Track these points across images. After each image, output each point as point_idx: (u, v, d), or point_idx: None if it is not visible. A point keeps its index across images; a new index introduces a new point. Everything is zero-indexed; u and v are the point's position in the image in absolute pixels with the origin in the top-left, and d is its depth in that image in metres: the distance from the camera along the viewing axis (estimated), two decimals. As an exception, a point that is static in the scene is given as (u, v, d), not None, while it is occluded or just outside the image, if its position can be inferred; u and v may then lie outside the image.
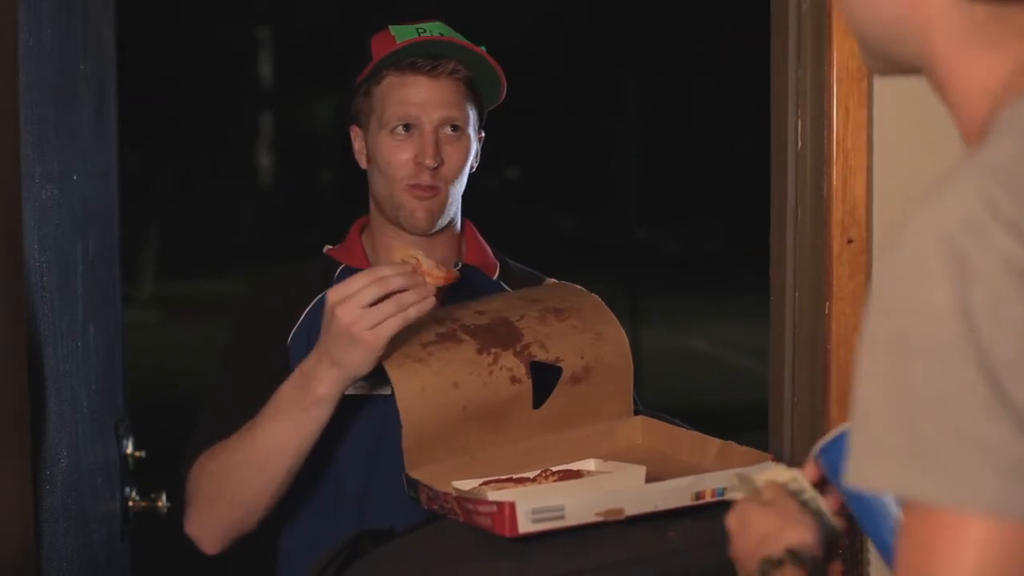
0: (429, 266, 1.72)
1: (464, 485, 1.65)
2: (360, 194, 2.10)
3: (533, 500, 1.52)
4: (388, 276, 1.69)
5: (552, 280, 2.03)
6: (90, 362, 2.05)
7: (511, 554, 1.53)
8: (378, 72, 1.95)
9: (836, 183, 1.90)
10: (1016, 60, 0.94)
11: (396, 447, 1.73)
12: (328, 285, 1.85)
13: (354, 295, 1.68)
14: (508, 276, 2.07)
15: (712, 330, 12.87)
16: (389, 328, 1.68)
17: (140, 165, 18.19)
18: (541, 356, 1.81)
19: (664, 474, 1.65)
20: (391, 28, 1.96)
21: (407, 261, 1.73)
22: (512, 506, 1.49)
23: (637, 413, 1.89)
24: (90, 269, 2.07)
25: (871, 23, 1.01)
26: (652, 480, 1.62)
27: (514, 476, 1.68)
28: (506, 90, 2.01)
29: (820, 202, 1.94)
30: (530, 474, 1.69)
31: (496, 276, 2.05)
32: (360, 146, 2.01)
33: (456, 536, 1.58)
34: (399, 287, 1.68)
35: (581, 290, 1.95)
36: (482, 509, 1.53)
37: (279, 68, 21.22)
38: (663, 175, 17.84)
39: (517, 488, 1.61)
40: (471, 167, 2.00)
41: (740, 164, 11.98)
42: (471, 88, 1.97)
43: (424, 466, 1.71)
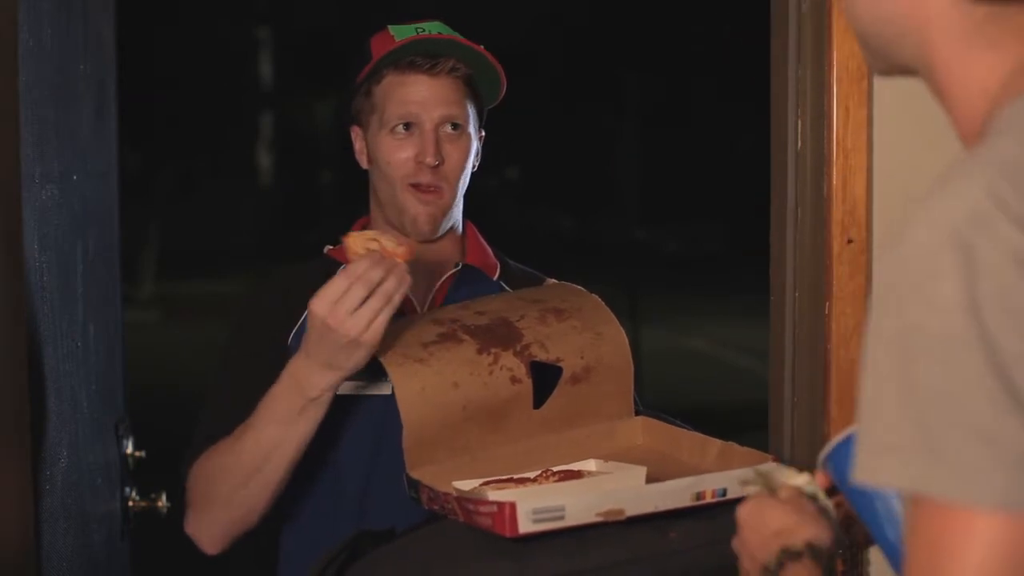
0: (392, 246, 1.72)
1: (464, 485, 1.65)
2: (360, 194, 2.10)
3: (534, 500, 1.51)
4: (366, 272, 1.68)
5: (552, 280, 2.03)
6: (90, 362, 2.05)
7: (511, 554, 1.53)
8: (378, 71, 1.95)
9: (836, 183, 1.90)
10: (1015, 60, 0.94)
11: (396, 447, 1.73)
12: None
13: (340, 300, 1.67)
14: (508, 277, 2.07)
15: (712, 330, 12.87)
16: (381, 323, 1.69)
17: (140, 165, 18.18)
18: (541, 356, 1.81)
19: (665, 475, 1.65)
20: (390, 28, 1.96)
21: (371, 249, 1.72)
22: (513, 506, 1.49)
23: (638, 413, 1.89)
24: (90, 269, 2.07)
25: (872, 22, 1.01)
26: (652, 481, 1.62)
27: (514, 476, 1.68)
28: (506, 89, 2.02)
29: (820, 202, 1.94)
30: (530, 474, 1.69)
31: (496, 277, 2.05)
32: (361, 146, 2.01)
33: (456, 536, 1.58)
34: (379, 279, 1.68)
35: (581, 290, 1.95)
36: (483, 509, 1.53)
37: (279, 68, 21.21)
38: (663, 175, 17.82)
39: (518, 488, 1.61)
40: (473, 166, 2.00)
41: (740, 164, 11.98)
42: (471, 86, 1.97)
43: (424, 466, 1.71)
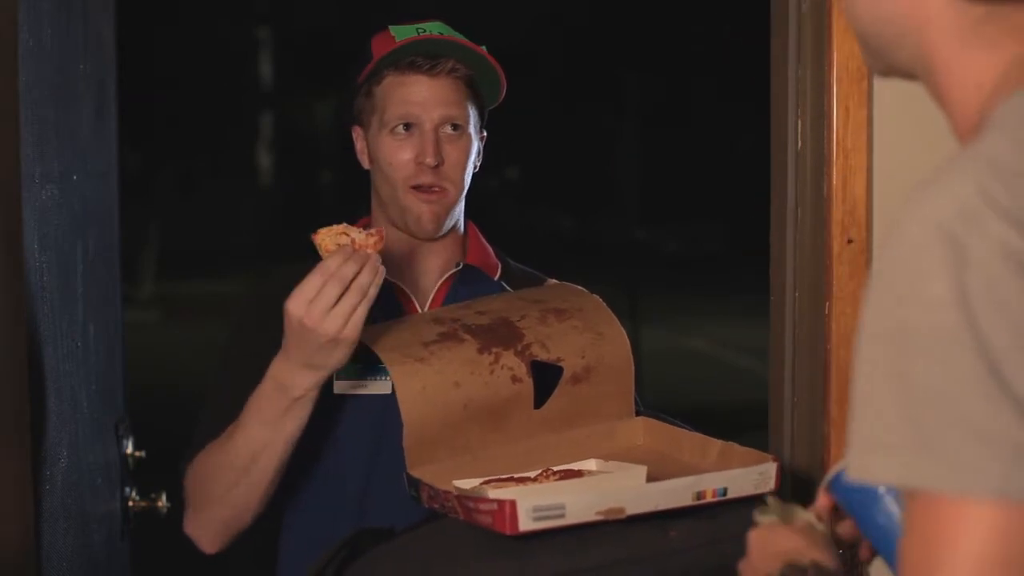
0: (362, 238, 1.70)
1: (465, 484, 1.65)
2: (360, 194, 2.10)
3: (534, 498, 1.52)
4: (339, 268, 1.67)
5: (553, 281, 2.03)
6: (90, 362, 2.05)
7: (512, 552, 1.53)
8: (378, 72, 1.95)
9: (836, 183, 1.90)
10: (1010, 58, 0.95)
11: (397, 447, 1.73)
12: None
13: (315, 299, 1.66)
14: (509, 277, 2.06)
15: (712, 330, 12.86)
16: (360, 318, 1.68)
17: (140, 165, 18.18)
18: (542, 356, 1.81)
19: (665, 475, 1.64)
20: (391, 28, 1.95)
21: (342, 243, 1.70)
22: (513, 504, 1.49)
23: (638, 414, 1.89)
24: (90, 269, 2.07)
25: (871, 22, 1.01)
26: (653, 481, 1.62)
27: (515, 475, 1.68)
28: (506, 90, 2.01)
29: (820, 202, 1.94)
30: (531, 474, 1.69)
31: (497, 277, 2.05)
32: (362, 146, 2.01)
33: (456, 535, 1.58)
34: (353, 274, 1.67)
35: (582, 291, 1.95)
36: (483, 507, 1.53)
37: (279, 68, 21.21)
38: (663, 175, 17.82)
39: (518, 487, 1.62)
40: (474, 166, 2.00)
41: (740, 164, 11.97)
42: (471, 87, 1.97)
43: (425, 465, 1.71)
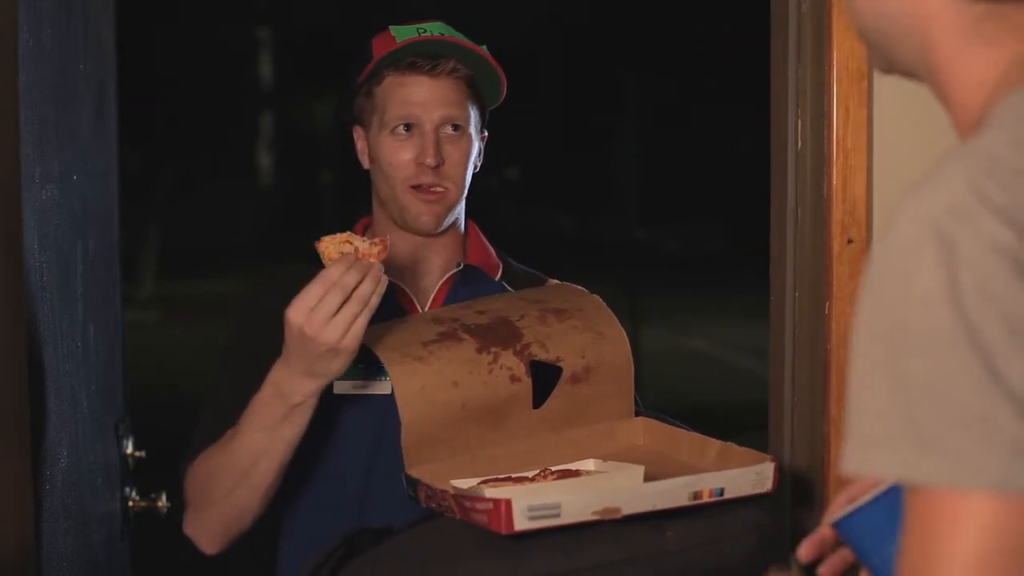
0: (365, 247, 1.69)
1: (463, 484, 1.65)
2: (360, 194, 2.10)
3: (529, 497, 1.51)
4: (341, 277, 1.66)
5: (555, 281, 2.03)
6: (90, 362, 2.05)
7: (507, 552, 1.53)
8: (379, 72, 1.95)
9: (836, 183, 1.90)
10: (1010, 57, 0.95)
11: (396, 447, 1.73)
12: None
13: (316, 308, 1.65)
14: (510, 277, 2.06)
15: (712, 330, 12.86)
16: (360, 327, 1.67)
17: (140, 165, 18.18)
18: (541, 356, 1.81)
19: (664, 475, 1.64)
20: (391, 28, 1.95)
21: (345, 252, 1.69)
22: (508, 503, 1.49)
23: (639, 414, 1.89)
24: (90, 269, 2.07)
25: (874, 19, 1.01)
26: (651, 481, 1.62)
27: (513, 475, 1.68)
28: (506, 90, 2.01)
29: (820, 202, 1.94)
30: (529, 473, 1.69)
31: (498, 277, 2.05)
32: (363, 146, 2.01)
33: (453, 534, 1.58)
34: (355, 283, 1.66)
35: (583, 291, 1.95)
36: (479, 506, 1.53)
37: (279, 68, 21.20)
38: (663, 175, 17.82)
39: (515, 486, 1.62)
40: (475, 166, 2.00)
41: (740, 164, 11.97)
42: (472, 87, 1.97)
43: (424, 464, 1.71)
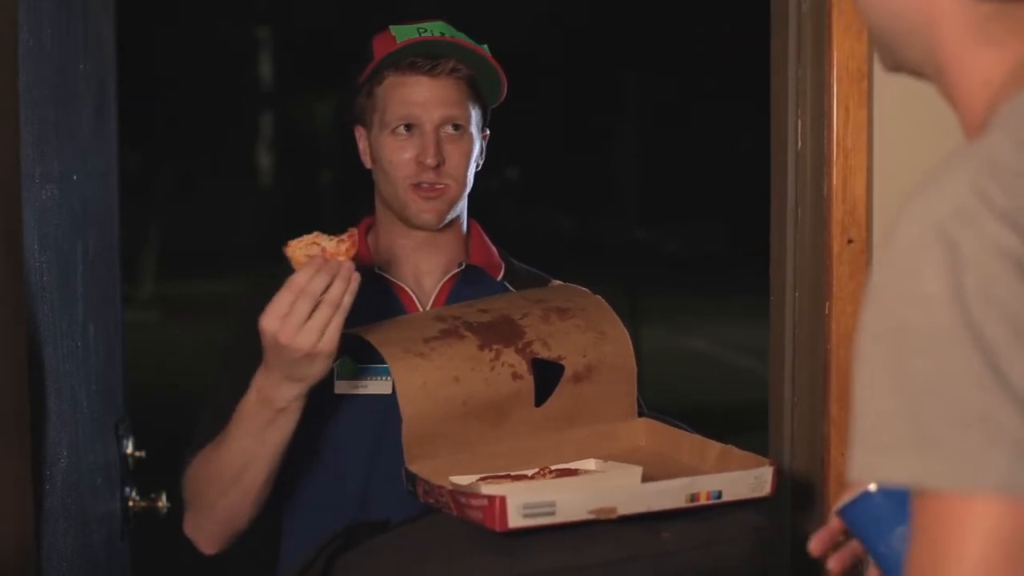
0: (333, 247, 1.69)
1: (462, 480, 1.65)
2: (360, 194, 2.09)
3: (524, 495, 1.52)
4: (308, 283, 1.66)
5: (558, 282, 2.02)
6: (90, 362, 2.05)
7: (504, 548, 1.53)
8: (379, 72, 1.95)
9: (836, 183, 1.90)
10: (1015, 57, 0.95)
11: (397, 447, 1.73)
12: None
13: (288, 316, 1.66)
14: (513, 277, 2.06)
15: (712, 330, 12.86)
16: (335, 329, 1.67)
17: (140, 165, 18.17)
18: (543, 354, 1.80)
19: (663, 476, 1.64)
20: (392, 28, 1.95)
21: (311, 255, 1.68)
22: (503, 500, 1.50)
23: (642, 415, 1.88)
24: (90, 269, 2.06)
25: (882, 17, 1.01)
26: (650, 482, 1.62)
27: (512, 473, 1.68)
28: (507, 90, 2.01)
29: (820, 202, 1.94)
30: (528, 472, 1.69)
31: (500, 277, 2.05)
32: (364, 146, 2.01)
33: (450, 529, 1.58)
34: (323, 287, 1.66)
35: (586, 292, 1.95)
36: (474, 503, 1.54)
37: (279, 68, 21.19)
38: (663, 175, 17.81)
39: (512, 484, 1.62)
40: (476, 165, 2.00)
41: (740, 164, 11.96)
42: (473, 87, 1.96)
43: (424, 460, 1.71)
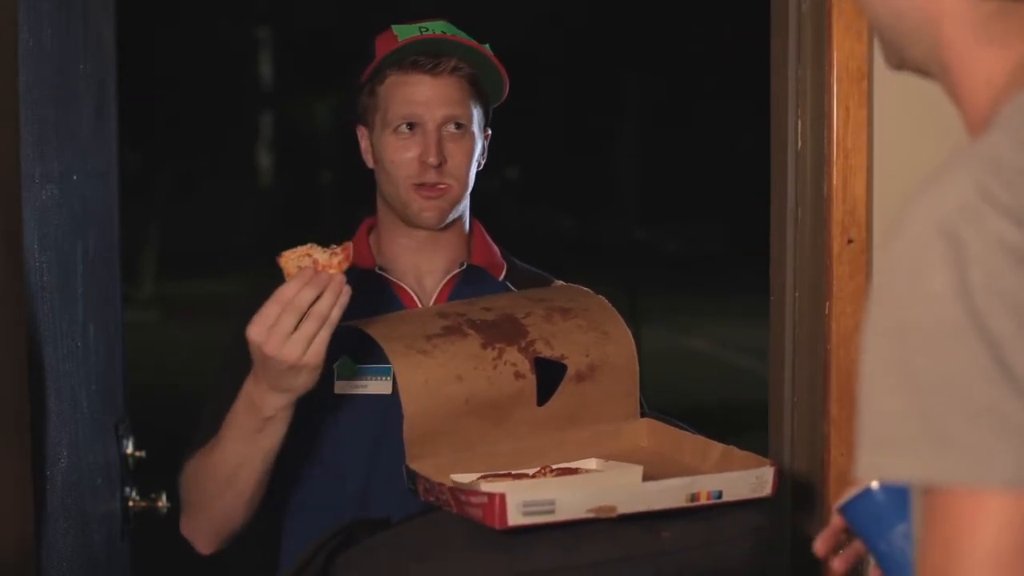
0: (325, 259, 1.68)
1: (463, 479, 1.65)
2: (360, 194, 2.09)
3: (524, 493, 1.52)
4: (295, 296, 1.65)
5: (560, 282, 2.02)
6: (90, 362, 2.05)
7: (503, 546, 1.53)
8: (381, 71, 1.95)
9: (836, 183, 1.90)
10: (1018, 57, 0.95)
11: (397, 447, 1.73)
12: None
13: (274, 327, 1.65)
14: (515, 277, 2.06)
15: (712, 330, 12.86)
16: (321, 342, 1.67)
17: (140, 165, 18.17)
18: (546, 353, 1.80)
19: (664, 476, 1.64)
20: (394, 27, 1.95)
21: (303, 266, 1.68)
22: (502, 498, 1.50)
23: (644, 415, 1.88)
24: (90, 269, 2.06)
25: (886, 15, 1.01)
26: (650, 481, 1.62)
27: (513, 472, 1.68)
28: (508, 89, 2.01)
29: (820, 202, 1.94)
30: (529, 471, 1.69)
31: (502, 277, 2.05)
32: (366, 145, 2.01)
33: (450, 527, 1.58)
34: (310, 300, 1.65)
35: (589, 292, 1.94)
36: (473, 500, 1.54)
37: (279, 68, 21.19)
38: (663, 175, 17.81)
39: (512, 482, 1.62)
40: (479, 164, 2.00)
41: (740, 164, 11.97)
42: (475, 86, 1.96)
43: (425, 459, 1.71)
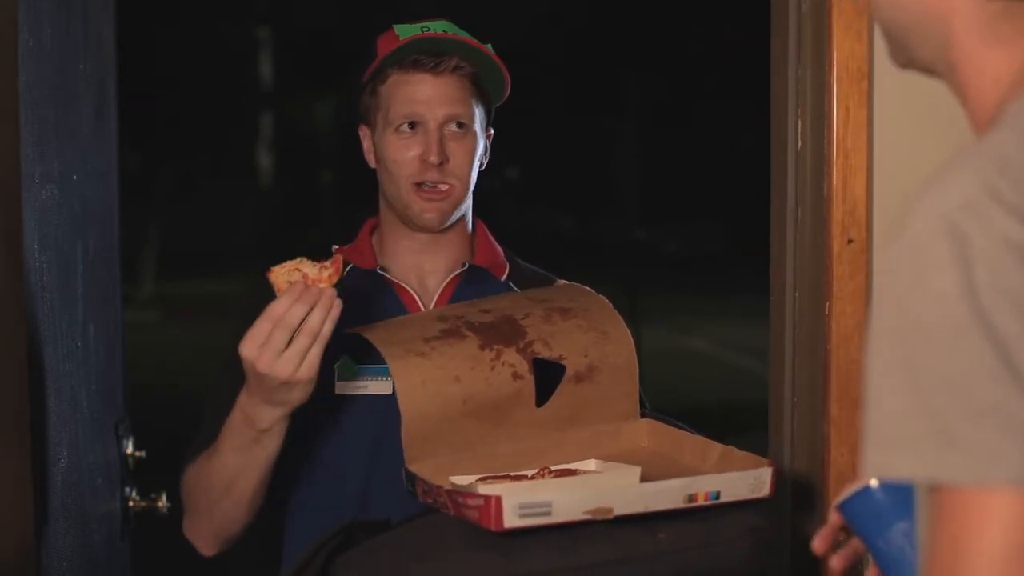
0: (315, 273, 1.68)
1: (462, 480, 1.65)
2: (360, 194, 2.09)
3: (520, 495, 1.51)
4: (286, 313, 1.65)
5: (563, 282, 2.02)
6: (90, 362, 2.05)
7: (499, 548, 1.53)
8: (383, 70, 1.95)
9: (836, 183, 1.90)
10: None
11: (397, 447, 1.73)
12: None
13: (265, 344, 1.65)
14: (518, 277, 2.05)
15: (712, 330, 12.86)
16: (314, 357, 1.67)
17: (140, 165, 18.17)
18: (544, 354, 1.80)
19: (664, 477, 1.64)
20: (395, 27, 1.95)
21: (293, 281, 1.67)
22: (499, 500, 1.49)
23: (645, 415, 1.88)
24: (90, 269, 2.06)
25: (895, 13, 1.01)
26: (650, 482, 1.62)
27: (511, 473, 1.68)
28: (510, 88, 2.01)
29: (820, 202, 1.94)
30: (528, 472, 1.69)
31: (505, 277, 2.04)
32: (368, 145, 2.01)
33: (448, 529, 1.58)
34: (301, 317, 1.65)
35: (590, 292, 1.94)
36: (470, 502, 1.54)
37: (279, 68, 21.19)
38: (663, 175, 17.81)
39: (510, 484, 1.62)
40: (481, 164, 1.99)
41: (740, 164, 11.97)
42: (477, 85, 1.96)
43: (424, 460, 1.71)
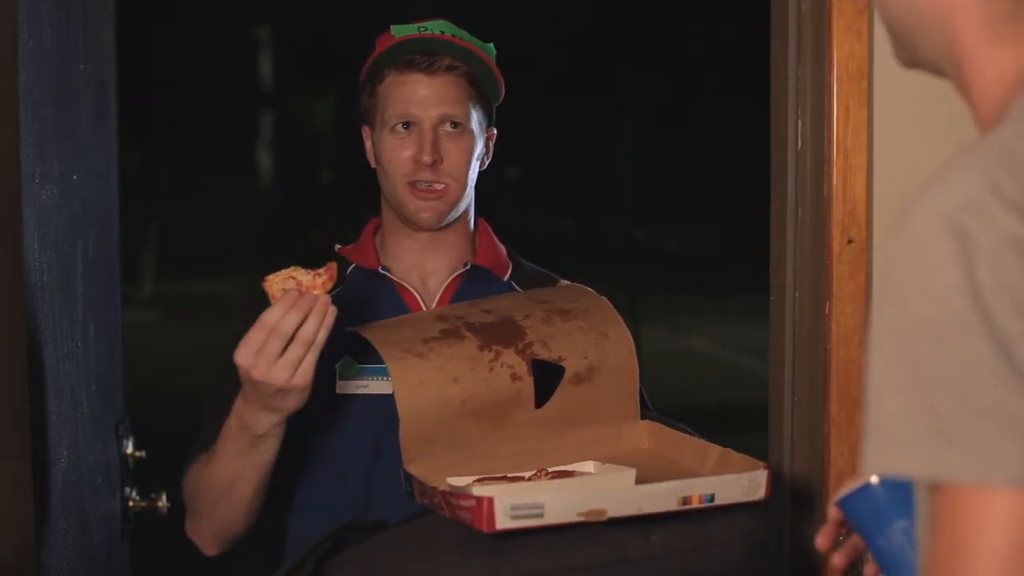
0: (309, 280, 1.68)
1: (459, 481, 1.65)
2: (360, 194, 2.09)
3: (513, 496, 1.51)
4: (280, 321, 1.65)
5: (566, 282, 2.01)
6: (90, 362, 2.05)
7: (494, 549, 1.53)
8: (379, 71, 1.95)
9: (836, 183, 1.90)
10: None
11: (397, 446, 1.73)
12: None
13: (260, 353, 1.66)
14: (520, 277, 2.05)
15: (712, 330, 12.86)
16: (309, 365, 1.67)
17: (140, 165, 18.17)
18: (543, 355, 1.80)
19: (662, 479, 1.64)
20: (393, 28, 1.95)
21: (287, 288, 1.67)
22: (490, 501, 1.49)
23: (646, 416, 1.88)
24: (90, 269, 2.06)
25: (900, 12, 1.01)
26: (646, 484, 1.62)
27: (509, 475, 1.68)
28: (505, 90, 2.01)
29: (820, 202, 1.94)
30: (525, 473, 1.69)
31: (507, 277, 2.04)
32: (370, 145, 2.01)
33: (443, 530, 1.59)
34: (295, 323, 1.65)
35: (592, 292, 1.94)
36: (463, 503, 1.54)
37: (279, 68, 21.19)
38: (663, 175, 17.81)
39: (505, 485, 1.62)
40: (480, 164, 1.99)
41: (740, 164, 11.97)
42: (475, 85, 1.95)
43: (423, 461, 1.71)
